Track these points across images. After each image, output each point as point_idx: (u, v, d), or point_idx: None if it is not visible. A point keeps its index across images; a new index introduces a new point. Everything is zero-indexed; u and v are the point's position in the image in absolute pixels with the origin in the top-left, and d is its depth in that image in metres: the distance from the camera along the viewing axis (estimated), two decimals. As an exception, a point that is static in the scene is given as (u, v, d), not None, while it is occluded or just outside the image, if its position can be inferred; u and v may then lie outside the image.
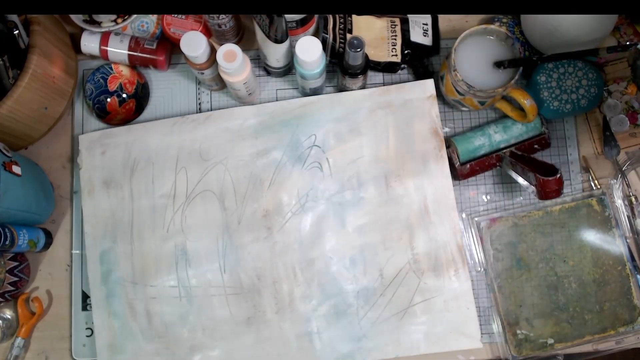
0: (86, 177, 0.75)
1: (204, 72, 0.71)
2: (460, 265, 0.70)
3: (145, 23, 0.77)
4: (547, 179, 0.63)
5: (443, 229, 0.71)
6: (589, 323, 0.71)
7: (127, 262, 0.73)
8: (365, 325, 0.70)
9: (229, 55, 0.66)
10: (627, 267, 0.71)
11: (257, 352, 0.70)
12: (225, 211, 0.73)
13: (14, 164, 0.67)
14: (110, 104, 0.76)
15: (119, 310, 0.72)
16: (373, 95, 0.74)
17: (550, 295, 0.71)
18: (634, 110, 0.74)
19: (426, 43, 0.76)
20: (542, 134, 0.74)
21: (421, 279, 0.70)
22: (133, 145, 0.75)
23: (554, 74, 0.73)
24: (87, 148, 0.75)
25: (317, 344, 0.70)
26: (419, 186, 0.72)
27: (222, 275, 0.72)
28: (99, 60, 0.78)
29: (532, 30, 0.73)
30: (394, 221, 0.72)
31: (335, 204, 0.72)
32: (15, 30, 0.70)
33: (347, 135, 0.74)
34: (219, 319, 0.71)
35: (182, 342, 0.71)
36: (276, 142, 0.74)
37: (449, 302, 0.70)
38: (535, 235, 0.72)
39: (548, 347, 0.71)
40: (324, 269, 0.71)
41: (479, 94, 0.68)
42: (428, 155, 0.73)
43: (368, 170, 0.73)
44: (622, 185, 0.74)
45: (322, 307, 0.71)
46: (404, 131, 0.73)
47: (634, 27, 0.74)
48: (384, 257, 0.71)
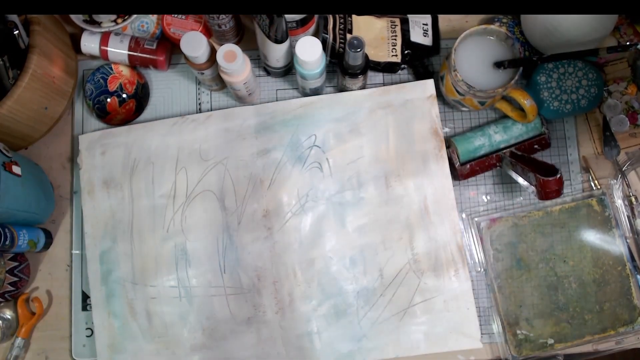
0: (86, 177, 0.75)
1: (204, 72, 0.71)
2: (460, 266, 0.70)
3: (145, 23, 0.78)
4: (547, 179, 0.63)
5: (443, 229, 0.71)
6: (589, 323, 0.71)
7: (127, 262, 0.73)
8: (365, 325, 0.70)
9: (229, 56, 0.66)
10: (627, 267, 0.71)
11: (257, 352, 0.70)
12: (225, 211, 0.73)
13: (14, 164, 0.67)
14: (110, 104, 0.76)
15: (118, 310, 0.72)
16: (373, 95, 0.74)
17: (550, 295, 0.71)
18: (634, 111, 0.74)
19: (426, 43, 0.76)
20: (542, 134, 0.74)
21: (421, 279, 0.70)
22: (133, 145, 0.75)
23: (554, 74, 0.73)
24: (87, 148, 0.75)
25: (317, 344, 0.70)
26: (419, 186, 0.72)
27: (222, 275, 0.72)
28: (99, 61, 0.78)
29: (532, 30, 0.73)
30: (394, 221, 0.72)
31: (335, 204, 0.72)
32: (15, 30, 0.70)
33: (347, 135, 0.74)
34: (219, 319, 0.71)
35: (182, 342, 0.71)
36: (276, 142, 0.74)
37: (449, 302, 0.70)
38: (535, 236, 0.72)
39: (548, 347, 0.71)
40: (324, 269, 0.71)
41: (479, 94, 0.68)
42: (428, 155, 0.73)
43: (368, 170, 0.73)
44: (622, 185, 0.74)
45: (322, 307, 0.71)
46: (404, 131, 0.73)
47: (634, 27, 0.74)
48: (384, 257, 0.71)
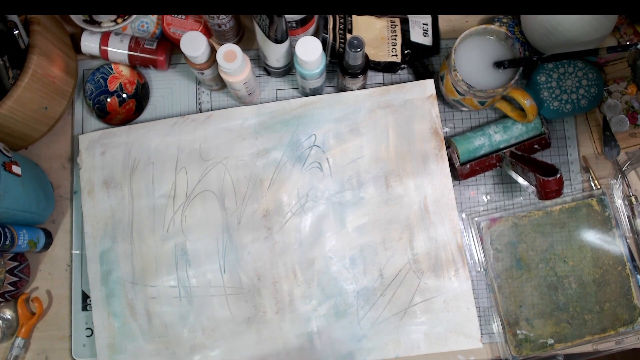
0: (86, 177, 0.75)
1: (204, 72, 0.71)
2: (460, 265, 0.70)
3: (145, 23, 0.77)
4: (548, 179, 0.63)
5: (443, 229, 0.71)
6: (589, 323, 0.71)
7: (127, 262, 0.72)
8: (365, 325, 0.70)
9: (229, 55, 0.66)
10: (627, 267, 0.71)
11: (257, 352, 0.70)
12: (225, 211, 0.73)
13: (14, 164, 0.67)
14: (110, 104, 0.76)
15: (118, 310, 0.72)
16: (373, 95, 0.74)
17: (550, 295, 0.71)
18: (634, 111, 0.74)
19: (426, 43, 0.76)
20: (542, 134, 0.74)
21: (421, 279, 0.70)
22: (133, 145, 0.75)
23: (554, 74, 0.73)
24: (87, 148, 0.75)
25: (317, 344, 0.70)
26: (419, 186, 0.72)
27: (222, 275, 0.72)
28: (99, 60, 0.78)
29: (532, 30, 0.73)
30: (394, 221, 0.72)
31: (335, 204, 0.72)
32: (16, 30, 0.70)
33: (347, 135, 0.74)
34: (219, 319, 0.71)
35: (182, 342, 0.71)
36: (276, 142, 0.74)
37: (449, 302, 0.70)
38: (535, 236, 0.72)
39: (548, 347, 0.71)
40: (324, 269, 0.71)
41: (479, 94, 0.68)
42: (428, 155, 0.72)
43: (368, 170, 0.73)
44: (622, 185, 0.74)
45: (322, 307, 0.71)
46: (404, 131, 0.73)
47: (634, 27, 0.74)
48: (384, 257, 0.71)
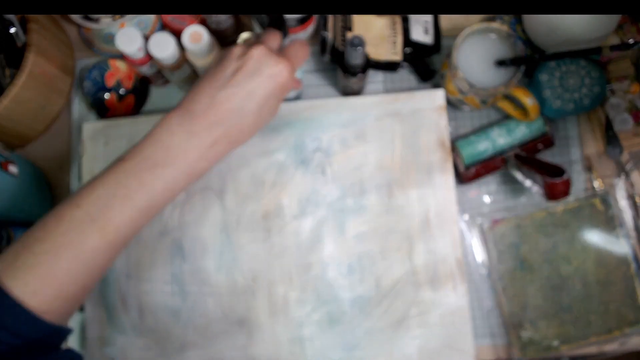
0: (88, 167, 0.73)
1: (174, 74, 0.70)
2: (459, 281, 0.69)
3: (143, 21, 0.77)
4: (555, 182, 0.63)
5: (443, 242, 0.70)
6: (594, 324, 0.70)
7: (122, 254, 0.71)
8: (359, 335, 0.69)
9: (194, 37, 0.66)
10: (631, 267, 0.71)
11: (247, 353, 0.69)
12: (224, 210, 0.72)
13: (11, 164, 0.66)
14: (108, 101, 0.76)
15: (110, 303, 0.71)
16: (382, 102, 0.73)
17: (554, 296, 0.70)
18: (637, 109, 0.73)
19: (427, 41, 0.75)
20: (546, 133, 0.73)
21: (418, 291, 0.69)
22: (136, 137, 0.72)
23: (557, 72, 0.72)
24: (91, 137, 0.74)
25: (309, 350, 0.69)
26: (422, 197, 0.71)
27: (218, 274, 0.71)
28: (96, 57, 0.78)
29: (534, 28, 0.72)
30: (394, 231, 0.71)
31: (336, 210, 0.71)
32: (12, 29, 0.69)
33: (353, 141, 0.73)
34: (212, 318, 0.70)
35: (173, 339, 0.70)
36: (280, 143, 0.73)
37: (445, 316, 0.69)
38: (538, 236, 0.71)
39: (553, 349, 0.70)
40: (321, 275, 0.70)
41: (481, 92, 0.67)
42: (433, 167, 0.71)
43: (371, 177, 0.72)
44: (626, 184, 0.73)
45: (316, 313, 0.70)
46: (410, 141, 0.72)
47: (637, 26, 0.74)
48: (381, 267, 0.70)
